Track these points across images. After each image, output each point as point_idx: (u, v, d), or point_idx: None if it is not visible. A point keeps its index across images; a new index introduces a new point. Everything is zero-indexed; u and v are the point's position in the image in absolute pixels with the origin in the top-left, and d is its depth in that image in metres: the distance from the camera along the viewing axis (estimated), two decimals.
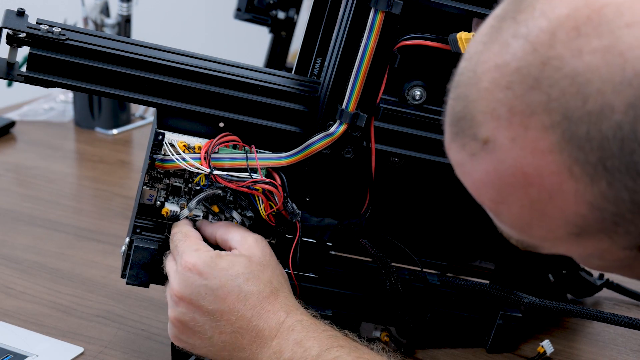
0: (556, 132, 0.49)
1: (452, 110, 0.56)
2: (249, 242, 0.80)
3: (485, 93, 0.52)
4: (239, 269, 0.77)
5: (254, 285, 0.77)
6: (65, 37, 0.78)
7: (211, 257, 0.77)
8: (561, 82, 0.49)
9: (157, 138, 0.81)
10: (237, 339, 0.76)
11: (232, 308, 0.76)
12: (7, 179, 1.38)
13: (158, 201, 0.84)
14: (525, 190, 0.52)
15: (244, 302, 0.76)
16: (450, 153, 0.57)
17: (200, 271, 0.77)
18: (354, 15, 0.79)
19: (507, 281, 0.95)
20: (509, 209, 0.54)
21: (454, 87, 0.56)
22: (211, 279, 0.76)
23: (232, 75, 0.82)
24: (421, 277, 0.91)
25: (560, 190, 0.51)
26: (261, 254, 0.79)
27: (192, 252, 0.78)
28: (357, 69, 0.80)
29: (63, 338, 0.92)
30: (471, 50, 0.55)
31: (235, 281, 0.76)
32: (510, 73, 0.51)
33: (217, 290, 0.76)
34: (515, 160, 0.51)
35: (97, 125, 1.61)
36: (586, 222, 0.52)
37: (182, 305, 0.77)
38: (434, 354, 0.94)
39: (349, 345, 0.74)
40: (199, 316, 0.77)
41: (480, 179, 0.54)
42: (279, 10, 1.56)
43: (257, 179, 0.81)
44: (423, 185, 0.89)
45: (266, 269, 0.79)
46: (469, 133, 0.54)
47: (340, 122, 0.81)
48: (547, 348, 0.94)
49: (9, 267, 1.07)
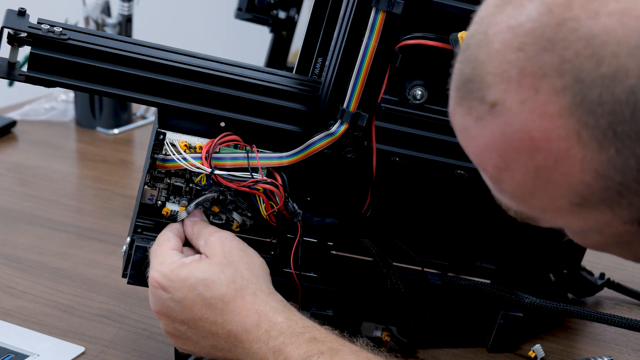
0: (567, 95, 0.49)
1: (460, 73, 0.54)
2: (211, 242, 0.79)
3: (496, 54, 0.51)
4: (198, 275, 0.76)
5: (217, 289, 0.76)
6: (66, 37, 0.78)
7: (171, 270, 0.77)
8: (576, 44, 0.48)
9: (158, 138, 0.81)
10: (219, 342, 0.76)
11: (201, 316, 0.76)
12: (8, 178, 1.39)
13: (159, 201, 0.84)
14: (531, 156, 0.51)
15: (210, 309, 0.76)
16: (455, 118, 0.56)
17: (163, 285, 0.77)
18: (355, 15, 0.79)
19: (508, 281, 0.95)
20: (512, 175, 0.53)
21: (462, 49, 0.55)
22: (174, 291, 0.76)
23: (233, 75, 0.82)
24: (422, 276, 0.91)
25: (567, 156, 0.50)
26: (222, 254, 0.78)
27: (156, 267, 0.78)
28: (358, 68, 0.80)
29: (64, 337, 0.92)
30: (482, 14, 0.54)
31: (196, 290, 0.76)
32: (523, 34, 0.50)
33: (182, 301, 0.76)
34: (523, 124, 0.51)
35: (98, 124, 1.61)
36: (590, 191, 0.51)
37: (161, 318, 0.79)
38: (435, 354, 0.94)
39: (330, 349, 0.72)
40: (178, 326, 0.77)
41: (485, 143, 0.53)
42: (280, 9, 1.55)
43: (258, 179, 0.81)
44: (424, 185, 0.89)
45: (226, 268, 0.77)
46: (477, 96, 0.53)
47: (341, 121, 0.81)
48: (538, 353, 0.94)
49: (10, 266, 1.07)
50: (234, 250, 0.79)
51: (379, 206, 0.89)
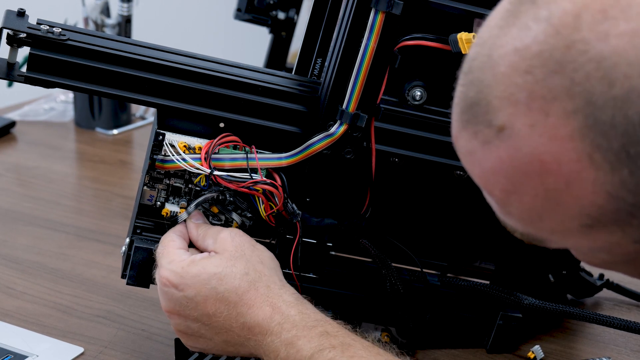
0: (578, 118, 0.48)
1: (464, 96, 0.53)
2: (221, 238, 0.79)
3: (503, 77, 0.50)
4: (210, 270, 0.76)
5: (230, 282, 0.76)
6: (65, 38, 0.78)
7: (182, 267, 0.77)
8: (586, 66, 0.47)
9: (158, 138, 0.81)
10: (233, 337, 0.76)
11: (215, 311, 0.76)
12: (8, 179, 1.39)
13: (158, 202, 0.84)
14: (541, 179, 0.50)
15: (224, 302, 0.76)
16: (459, 141, 0.55)
17: (174, 283, 0.77)
18: (355, 16, 0.79)
19: (507, 282, 0.95)
20: (521, 199, 0.52)
21: (465, 72, 0.54)
22: (186, 288, 0.76)
23: (232, 76, 0.82)
24: (421, 277, 0.91)
25: (579, 178, 0.49)
26: (233, 248, 0.78)
27: (166, 266, 0.78)
28: (357, 69, 0.80)
29: (63, 338, 0.92)
30: (485, 35, 0.53)
31: (210, 284, 0.76)
32: (530, 57, 0.49)
33: (195, 297, 0.76)
34: (533, 147, 0.50)
35: (98, 125, 1.61)
36: (601, 212, 0.50)
37: (173, 317, 0.78)
38: (434, 354, 0.94)
39: (342, 344, 0.72)
40: (191, 324, 0.77)
41: (491, 167, 0.53)
42: (279, 10, 1.55)
43: (257, 180, 0.81)
44: (423, 185, 0.89)
45: (239, 261, 0.77)
46: (483, 120, 0.52)
47: (340, 122, 0.81)
48: (537, 354, 0.94)
49: (10, 267, 1.07)
50: (245, 244, 0.79)
51: (378, 207, 0.89)
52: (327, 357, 0.72)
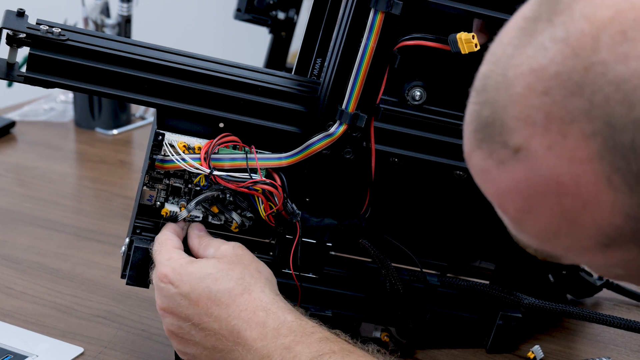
0: (597, 140, 0.47)
1: (478, 115, 0.52)
2: (223, 249, 0.81)
3: (519, 98, 0.49)
4: (206, 270, 0.77)
5: (224, 284, 0.76)
6: (65, 38, 0.78)
7: (180, 265, 0.78)
8: (605, 89, 0.47)
9: (157, 138, 0.81)
10: (221, 341, 0.76)
11: (206, 310, 0.76)
12: (8, 179, 1.39)
13: (158, 202, 0.84)
14: (558, 200, 0.50)
15: (216, 303, 0.76)
16: (473, 160, 0.54)
17: (171, 280, 0.77)
18: (354, 16, 0.79)
19: (507, 282, 0.95)
20: (537, 218, 0.52)
21: (478, 90, 0.53)
22: (182, 285, 0.77)
23: (232, 76, 0.82)
24: (421, 277, 0.91)
25: (597, 200, 0.49)
26: (231, 255, 0.79)
27: (164, 262, 0.78)
28: (357, 69, 0.80)
29: (63, 338, 0.92)
30: (497, 52, 0.52)
31: (204, 282, 0.76)
32: (548, 78, 0.48)
33: (189, 294, 0.76)
34: (550, 169, 0.49)
35: (97, 125, 1.61)
36: (619, 232, 0.50)
37: (166, 316, 0.78)
38: (433, 355, 0.94)
39: (342, 350, 0.72)
40: (182, 324, 0.77)
41: (507, 187, 0.52)
42: (279, 10, 1.55)
43: (256, 180, 0.81)
44: (423, 185, 0.89)
45: (236, 266, 0.78)
46: (498, 140, 0.51)
47: (340, 122, 0.81)
48: (537, 354, 0.94)
49: (9, 267, 1.07)
50: (245, 256, 0.80)
51: (378, 207, 0.89)
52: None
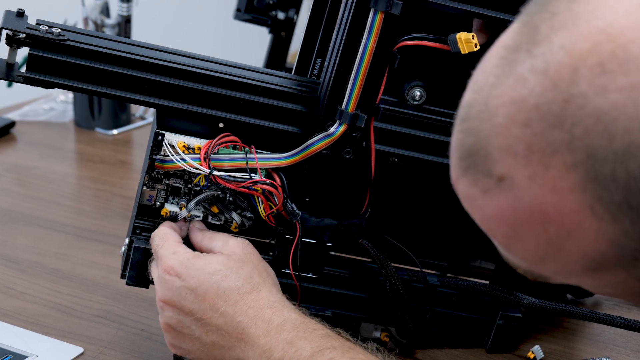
0: (579, 171, 0.47)
1: (462, 143, 0.53)
2: (230, 243, 0.81)
3: (501, 129, 0.50)
4: (215, 266, 0.77)
5: (233, 281, 0.77)
6: (64, 38, 0.78)
7: (188, 258, 0.78)
8: (585, 121, 0.47)
9: (157, 139, 0.81)
10: (224, 337, 0.76)
11: (212, 305, 0.76)
12: (7, 179, 1.39)
13: (158, 202, 0.84)
14: (543, 228, 0.50)
15: (224, 299, 0.76)
16: (459, 187, 0.54)
17: (178, 272, 0.77)
18: (354, 16, 0.79)
19: (507, 281, 0.95)
20: (523, 244, 0.52)
21: (462, 119, 0.53)
22: (189, 278, 0.77)
23: (231, 76, 0.82)
24: (421, 277, 0.91)
25: (581, 228, 0.49)
26: (241, 252, 0.80)
27: (170, 255, 0.78)
28: (356, 69, 0.80)
29: (63, 338, 0.92)
30: (480, 81, 0.52)
31: (213, 278, 0.77)
32: (528, 110, 0.48)
33: (196, 289, 0.76)
34: (533, 198, 0.49)
35: (97, 125, 1.61)
36: (604, 258, 0.50)
37: (167, 309, 0.78)
38: (433, 354, 0.94)
39: (342, 346, 0.73)
40: (184, 318, 0.77)
41: (493, 214, 0.52)
42: (279, 10, 1.55)
43: (256, 180, 0.81)
44: (423, 185, 0.89)
45: (245, 265, 0.78)
46: (482, 169, 0.51)
47: (339, 122, 0.81)
48: (537, 354, 0.94)
49: (9, 267, 1.07)
50: (254, 254, 0.81)
51: (378, 207, 0.89)
52: (328, 357, 0.72)
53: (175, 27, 3.09)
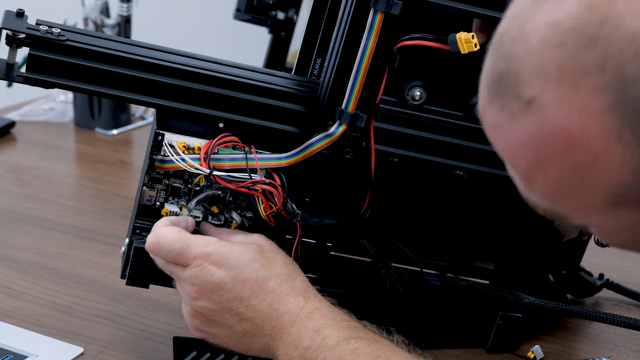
0: (609, 93, 0.48)
1: (493, 69, 0.53)
2: (254, 236, 0.81)
3: (534, 51, 0.50)
4: (253, 254, 0.77)
5: (271, 269, 0.77)
6: (64, 38, 0.78)
7: (224, 246, 0.77)
8: (619, 42, 0.47)
9: (157, 139, 0.81)
10: (257, 325, 0.77)
11: (252, 293, 0.76)
12: (7, 179, 1.39)
13: (158, 202, 0.84)
14: (568, 153, 0.50)
15: (263, 287, 0.76)
16: (486, 115, 0.55)
17: (216, 261, 0.77)
18: (354, 16, 0.79)
19: (507, 281, 0.95)
20: (546, 174, 0.52)
21: (495, 45, 0.54)
22: (228, 267, 0.76)
23: (231, 76, 0.82)
24: (421, 277, 0.91)
25: (606, 154, 0.49)
26: (270, 245, 0.80)
27: (204, 248, 0.77)
28: (356, 69, 0.80)
29: (63, 338, 0.92)
30: (517, 9, 0.53)
31: (252, 266, 0.77)
32: (563, 31, 0.49)
33: (236, 277, 0.76)
34: (561, 121, 0.50)
35: (97, 125, 1.61)
36: (627, 190, 0.50)
37: (202, 299, 0.77)
38: (433, 354, 0.94)
39: (368, 337, 0.74)
40: (219, 307, 0.77)
41: (518, 140, 0.52)
42: (279, 10, 1.55)
43: (256, 180, 0.81)
44: (423, 185, 0.89)
45: (279, 254, 0.80)
46: (512, 92, 0.52)
47: (339, 122, 0.81)
48: (537, 354, 0.94)
49: (9, 267, 1.07)
50: (278, 247, 0.81)
51: (378, 207, 0.89)
52: (353, 346, 0.73)
53: (175, 27, 3.08)
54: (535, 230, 0.92)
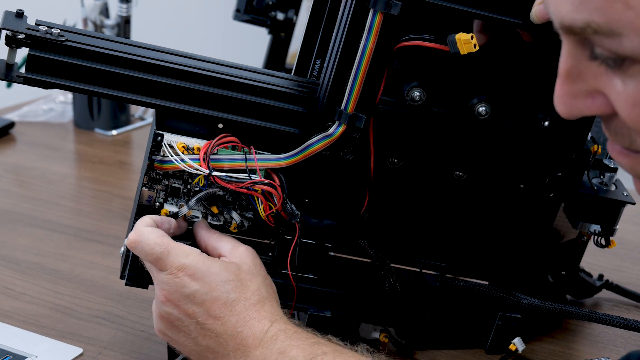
0: None
1: None
2: (240, 251, 0.80)
3: None
4: (229, 275, 0.77)
5: (242, 292, 0.77)
6: (64, 39, 0.78)
7: (203, 261, 0.77)
8: None
9: (156, 139, 0.81)
10: (220, 344, 0.77)
11: (218, 313, 0.76)
12: (7, 179, 1.38)
13: (157, 202, 0.84)
14: None
15: (230, 309, 0.76)
16: None
17: (192, 274, 0.77)
18: (353, 16, 0.79)
19: (506, 282, 0.95)
20: None
21: None
22: (201, 283, 0.76)
23: (231, 77, 0.82)
24: (420, 278, 0.91)
25: None
26: (251, 263, 0.80)
27: (182, 258, 0.77)
28: (355, 70, 0.80)
29: (62, 339, 0.92)
30: None
31: (225, 287, 0.77)
32: None
33: (206, 294, 0.76)
34: None
35: (97, 126, 1.61)
36: None
37: (169, 305, 0.78)
38: (433, 355, 0.94)
39: (333, 351, 0.74)
40: (184, 317, 0.77)
41: None
42: (278, 11, 1.56)
43: (256, 180, 0.81)
44: (422, 186, 0.89)
45: (255, 277, 0.79)
46: None
47: (339, 123, 0.81)
48: (518, 345, 0.93)
49: (9, 267, 1.07)
50: (262, 266, 0.81)
51: (377, 207, 0.89)
52: None
53: (175, 28, 3.09)
54: (535, 231, 0.92)
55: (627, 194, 0.96)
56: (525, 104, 0.85)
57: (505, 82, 0.84)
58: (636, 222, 1.33)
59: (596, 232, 0.96)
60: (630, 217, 1.18)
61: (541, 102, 0.85)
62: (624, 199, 0.95)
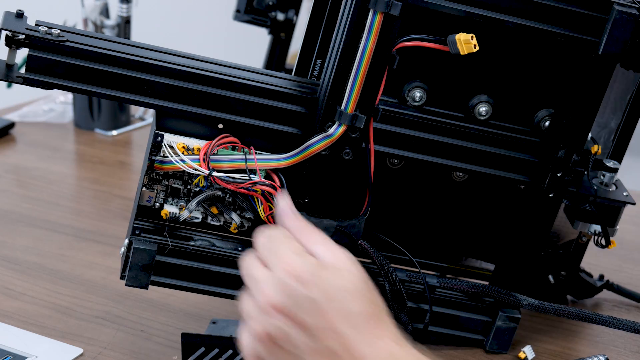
0: None
1: None
2: (343, 255, 0.70)
3: None
4: (344, 282, 0.67)
5: (359, 302, 0.67)
6: (64, 39, 0.78)
7: (314, 265, 0.67)
8: None
9: (156, 139, 0.81)
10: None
11: (332, 325, 0.66)
12: (7, 180, 1.39)
13: (157, 203, 0.84)
14: None
15: (347, 320, 0.66)
16: None
17: (304, 280, 0.66)
18: (353, 17, 0.79)
19: (507, 282, 0.95)
20: None
21: None
22: (314, 289, 0.66)
23: (231, 77, 0.82)
24: (420, 278, 0.91)
25: None
26: (361, 271, 0.70)
27: (294, 255, 0.68)
28: (356, 70, 0.80)
29: (62, 339, 0.92)
30: None
31: (340, 295, 0.66)
32: None
33: (320, 303, 0.66)
34: None
35: (97, 126, 1.61)
36: None
37: (277, 317, 0.66)
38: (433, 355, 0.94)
39: None
40: (294, 331, 0.66)
41: None
42: (278, 11, 1.56)
43: (256, 181, 0.81)
44: (422, 186, 0.89)
45: (369, 286, 0.69)
46: None
47: (339, 123, 0.81)
48: (528, 353, 0.94)
49: (9, 268, 1.07)
50: (363, 270, 0.71)
51: (377, 208, 0.89)
52: None
53: (175, 28, 3.09)
54: (535, 231, 0.92)
55: (628, 194, 0.96)
56: (526, 104, 0.85)
57: (505, 82, 0.84)
58: (636, 223, 1.33)
59: (596, 232, 0.96)
60: (631, 217, 1.17)
61: (541, 102, 0.85)
62: (624, 200, 0.95)
